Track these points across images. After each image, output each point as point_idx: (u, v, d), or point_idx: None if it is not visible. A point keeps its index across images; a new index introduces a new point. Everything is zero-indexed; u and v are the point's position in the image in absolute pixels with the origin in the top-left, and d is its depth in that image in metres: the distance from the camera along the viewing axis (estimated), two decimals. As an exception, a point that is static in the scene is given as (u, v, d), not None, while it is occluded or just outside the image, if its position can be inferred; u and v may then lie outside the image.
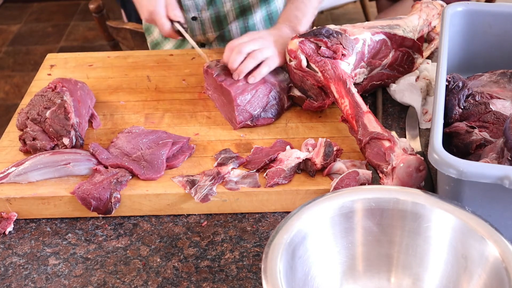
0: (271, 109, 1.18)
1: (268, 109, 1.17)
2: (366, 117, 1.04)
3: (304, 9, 1.24)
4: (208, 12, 1.48)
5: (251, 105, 1.15)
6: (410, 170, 0.95)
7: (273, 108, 1.18)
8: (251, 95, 1.15)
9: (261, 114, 1.17)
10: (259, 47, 1.16)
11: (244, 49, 1.15)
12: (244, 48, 1.15)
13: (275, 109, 1.18)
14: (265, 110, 1.17)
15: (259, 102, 1.16)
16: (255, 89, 1.16)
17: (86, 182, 1.03)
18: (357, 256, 0.85)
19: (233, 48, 1.17)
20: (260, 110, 1.16)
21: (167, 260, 0.96)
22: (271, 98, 1.17)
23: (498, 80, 1.11)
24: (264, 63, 1.16)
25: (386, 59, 1.22)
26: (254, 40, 1.17)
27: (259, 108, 1.16)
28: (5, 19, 3.97)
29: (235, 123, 1.16)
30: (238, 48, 1.16)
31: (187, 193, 1.01)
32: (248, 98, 1.15)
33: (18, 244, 1.00)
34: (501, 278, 0.72)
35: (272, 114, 1.18)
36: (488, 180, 0.79)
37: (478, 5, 1.18)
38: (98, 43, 3.61)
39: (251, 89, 1.16)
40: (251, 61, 1.15)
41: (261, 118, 1.17)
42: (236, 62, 1.15)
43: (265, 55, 1.16)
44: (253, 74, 1.15)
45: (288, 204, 1.03)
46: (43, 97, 1.16)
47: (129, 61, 1.41)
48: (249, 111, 1.15)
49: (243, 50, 1.15)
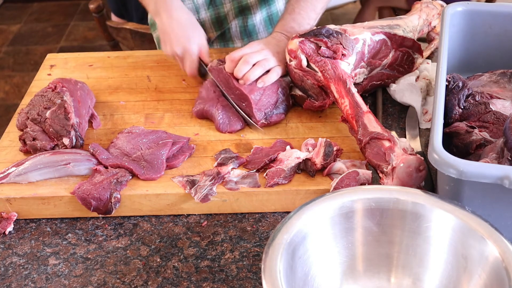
0: (282, 105, 1.19)
1: (279, 105, 1.18)
2: (366, 117, 1.04)
3: (301, 21, 1.25)
4: (208, 13, 1.48)
5: (263, 104, 1.16)
6: (410, 170, 0.95)
7: (283, 104, 1.19)
8: (260, 94, 1.16)
9: (274, 111, 1.17)
10: (264, 57, 1.18)
11: (251, 60, 1.17)
12: (251, 59, 1.17)
13: (285, 105, 1.19)
14: (277, 107, 1.18)
15: (270, 100, 1.17)
16: (263, 88, 1.16)
17: (86, 182, 1.03)
18: (357, 256, 0.85)
19: (233, 59, 1.18)
20: (272, 107, 1.17)
21: (167, 260, 0.96)
22: (280, 95, 1.18)
23: (498, 80, 1.11)
24: (273, 70, 1.18)
25: (386, 59, 1.22)
26: (258, 52, 1.19)
27: (271, 106, 1.17)
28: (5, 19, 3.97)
29: (255, 121, 1.16)
30: (244, 58, 1.17)
31: (187, 193, 1.01)
32: (258, 97, 1.15)
33: (18, 244, 1.00)
34: (501, 278, 0.72)
35: (283, 110, 1.19)
36: (488, 180, 0.79)
37: (478, 5, 1.18)
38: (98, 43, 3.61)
39: (259, 88, 1.16)
40: (258, 69, 1.17)
41: (274, 115, 1.17)
42: (242, 72, 1.16)
43: (272, 64, 1.18)
44: (263, 79, 1.17)
45: (288, 204, 1.03)
46: (43, 97, 1.16)
47: (129, 61, 1.41)
48: (262, 109, 1.16)
49: (250, 60, 1.17)
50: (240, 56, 1.18)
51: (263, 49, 1.20)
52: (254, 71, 1.16)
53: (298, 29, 1.24)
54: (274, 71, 1.18)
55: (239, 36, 1.55)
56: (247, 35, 1.55)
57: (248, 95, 1.15)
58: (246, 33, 1.54)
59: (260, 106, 1.16)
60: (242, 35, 1.54)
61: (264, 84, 1.17)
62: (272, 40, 1.23)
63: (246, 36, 1.55)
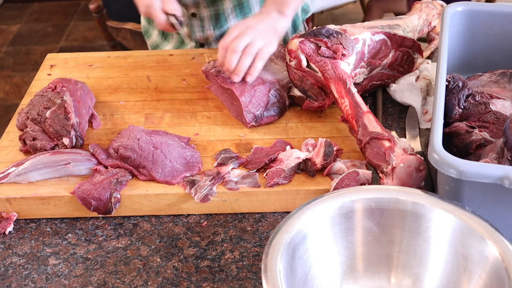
0: (273, 107, 1.18)
1: (270, 108, 1.18)
2: (366, 117, 1.04)
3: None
4: (208, 9, 1.48)
5: (253, 105, 1.15)
6: (410, 170, 0.95)
7: (274, 106, 1.18)
8: (250, 96, 1.15)
9: (264, 113, 1.17)
10: (251, 39, 1.15)
11: (238, 47, 1.14)
12: (238, 46, 1.14)
13: (277, 107, 1.19)
14: (267, 109, 1.17)
15: (260, 102, 1.16)
16: (253, 90, 1.16)
17: (86, 182, 1.03)
18: (357, 256, 0.85)
19: (226, 47, 1.16)
20: (262, 109, 1.17)
21: (167, 260, 0.96)
22: (271, 97, 1.18)
23: (498, 80, 1.11)
24: (257, 57, 1.15)
25: (386, 59, 1.22)
26: (244, 33, 1.15)
27: (261, 108, 1.16)
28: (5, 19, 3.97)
29: (245, 122, 1.16)
30: (232, 46, 1.14)
31: (187, 193, 1.01)
32: (248, 99, 1.15)
33: (18, 244, 1.00)
34: (501, 278, 0.72)
35: (274, 112, 1.18)
36: (488, 180, 0.79)
37: (478, 5, 1.18)
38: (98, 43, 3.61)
39: (249, 89, 1.16)
40: (246, 59, 1.14)
41: (264, 117, 1.17)
42: (233, 62, 1.14)
43: (257, 46, 1.15)
44: (249, 72, 1.15)
45: (288, 204, 1.03)
46: (43, 97, 1.16)
47: (129, 61, 1.41)
48: (252, 111, 1.15)
49: (237, 48, 1.14)
50: (228, 42, 1.16)
51: (249, 27, 1.16)
52: (242, 62, 1.14)
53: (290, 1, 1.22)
54: (259, 58, 1.15)
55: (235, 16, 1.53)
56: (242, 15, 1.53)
57: (239, 97, 1.14)
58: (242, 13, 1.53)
59: (250, 108, 1.15)
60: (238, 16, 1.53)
61: (252, 77, 1.15)
62: (261, 15, 1.21)
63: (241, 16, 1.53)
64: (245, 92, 1.15)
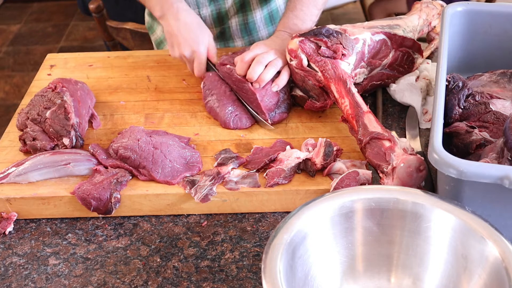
0: (283, 104, 1.19)
1: (281, 105, 1.19)
2: (366, 117, 1.04)
3: (304, 17, 1.25)
4: (209, 9, 1.48)
5: (266, 104, 1.16)
6: (410, 170, 0.95)
7: (285, 103, 1.19)
8: (262, 96, 1.16)
9: (276, 111, 1.18)
10: (274, 57, 1.18)
11: (263, 60, 1.17)
12: (263, 59, 1.17)
13: (286, 103, 1.20)
14: (279, 106, 1.18)
15: (272, 100, 1.17)
16: (264, 89, 1.16)
17: (86, 182, 1.03)
18: (357, 256, 0.85)
19: (244, 59, 1.18)
20: (274, 107, 1.18)
21: (167, 260, 0.96)
22: (280, 94, 1.19)
23: (498, 80, 1.11)
24: (283, 71, 1.19)
25: (386, 59, 1.22)
26: (267, 52, 1.19)
27: (273, 105, 1.17)
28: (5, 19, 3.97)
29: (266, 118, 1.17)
30: (257, 59, 1.17)
31: (187, 193, 1.01)
32: (261, 98, 1.16)
33: (18, 244, 1.00)
34: (501, 278, 0.72)
35: (285, 109, 1.19)
36: (488, 180, 0.79)
37: (478, 5, 1.18)
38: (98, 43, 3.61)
39: (260, 89, 1.16)
40: (272, 70, 1.17)
41: (276, 114, 1.18)
42: (257, 73, 1.16)
43: (281, 64, 1.19)
44: (276, 82, 1.18)
45: (288, 204, 1.03)
46: (43, 97, 1.16)
47: (129, 61, 1.41)
48: (266, 110, 1.16)
49: (262, 61, 1.17)
50: (251, 57, 1.18)
51: (271, 48, 1.20)
52: (268, 71, 1.16)
53: (301, 26, 1.24)
54: (284, 72, 1.19)
55: (239, 34, 1.55)
56: (247, 33, 1.55)
57: (257, 97, 1.16)
58: (247, 31, 1.54)
59: (264, 106, 1.16)
60: (242, 33, 1.54)
61: (278, 87, 1.18)
62: (277, 40, 1.24)
63: (246, 34, 1.55)
64: (257, 91, 1.16)
